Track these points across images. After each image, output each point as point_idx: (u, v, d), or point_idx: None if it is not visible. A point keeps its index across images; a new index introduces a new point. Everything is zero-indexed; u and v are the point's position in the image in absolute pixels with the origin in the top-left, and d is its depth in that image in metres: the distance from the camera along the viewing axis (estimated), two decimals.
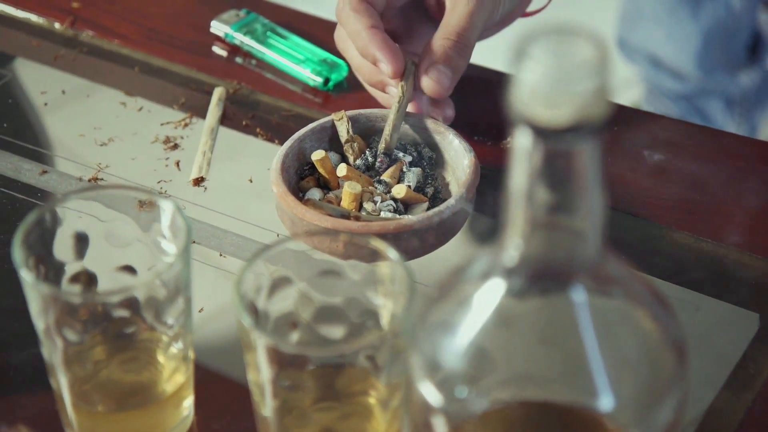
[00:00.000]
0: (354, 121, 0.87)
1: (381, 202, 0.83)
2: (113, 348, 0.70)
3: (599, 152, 0.52)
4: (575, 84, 0.50)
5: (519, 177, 0.53)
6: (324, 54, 0.98)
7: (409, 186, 0.84)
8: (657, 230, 0.85)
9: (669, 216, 0.86)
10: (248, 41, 1.00)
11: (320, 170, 0.85)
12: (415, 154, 0.87)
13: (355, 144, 0.86)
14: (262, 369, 0.65)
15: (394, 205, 0.83)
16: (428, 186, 0.85)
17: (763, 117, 1.74)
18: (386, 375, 0.66)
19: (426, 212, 0.80)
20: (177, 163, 0.91)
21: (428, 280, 0.74)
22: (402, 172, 0.85)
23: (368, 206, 0.82)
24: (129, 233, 0.71)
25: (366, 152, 0.86)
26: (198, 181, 0.89)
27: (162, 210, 0.70)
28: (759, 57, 1.70)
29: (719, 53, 1.65)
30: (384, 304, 0.68)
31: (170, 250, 0.70)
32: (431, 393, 0.58)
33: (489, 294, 0.56)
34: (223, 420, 0.75)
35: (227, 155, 0.92)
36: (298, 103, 0.96)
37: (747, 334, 0.80)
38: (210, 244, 0.85)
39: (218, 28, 1.02)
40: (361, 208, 0.83)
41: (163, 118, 0.95)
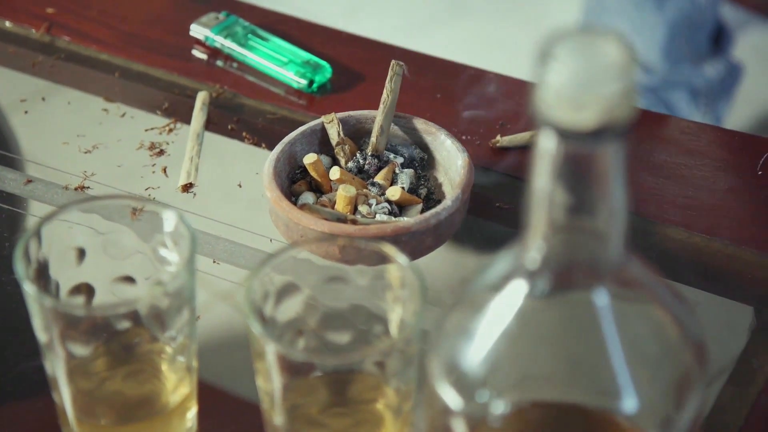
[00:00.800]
0: (343, 123, 0.87)
1: (376, 205, 0.82)
2: (117, 360, 0.69)
3: (623, 155, 0.52)
4: (602, 86, 0.50)
5: (542, 179, 0.53)
6: (306, 55, 0.98)
7: (403, 188, 0.83)
8: (650, 226, 0.85)
9: (661, 211, 0.86)
10: (229, 44, 0.99)
11: (312, 174, 0.84)
12: (406, 155, 0.86)
13: (346, 146, 0.86)
14: (273, 377, 0.64)
15: (389, 208, 0.82)
16: (421, 187, 0.85)
17: (727, 107, 1.75)
18: (396, 381, 0.65)
19: (423, 214, 0.80)
20: (164, 170, 0.90)
21: (428, 283, 0.74)
22: (395, 174, 0.85)
23: (363, 209, 0.82)
24: (128, 244, 0.70)
25: (357, 154, 0.86)
26: (187, 187, 0.88)
27: (164, 219, 0.69)
28: (722, 48, 1.71)
29: (684, 45, 1.66)
30: (392, 310, 0.68)
31: (172, 260, 0.69)
32: (451, 396, 0.57)
33: (510, 296, 0.56)
34: (227, 430, 0.74)
35: (214, 160, 0.91)
36: (283, 106, 0.95)
37: (743, 328, 0.80)
38: (202, 251, 0.84)
39: (198, 32, 1.01)
40: (356, 211, 0.82)
41: (147, 124, 0.94)
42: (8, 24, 1.03)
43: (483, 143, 0.91)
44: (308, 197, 0.83)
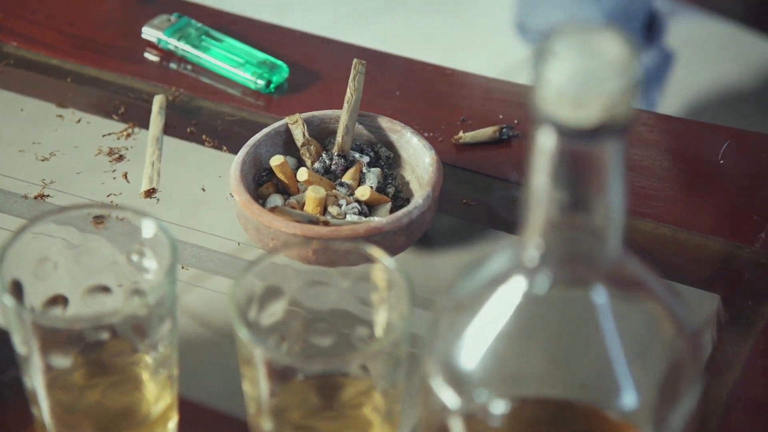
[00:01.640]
0: (307, 124, 0.86)
1: (346, 205, 0.81)
2: (97, 372, 0.68)
3: (622, 152, 0.52)
4: (603, 83, 0.49)
5: (540, 176, 0.53)
6: (262, 56, 0.97)
7: (372, 187, 0.83)
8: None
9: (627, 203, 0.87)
10: (183, 46, 0.98)
11: (279, 176, 0.83)
12: (372, 155, 0.86)
13: (312, 147, 0.85)
14: (261, 382, 0.64)
15: (359, 208, 0.82)
16: (389, 186, 0.84)
17: (660, 94, 1.76)
18: (384, 384, 0.65)
19: (395, 213, 0.79)
20: (125, 175, 0.89)
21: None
22: (362, 173, 0.84)
23: (333, 210, 0.81)
24: (102, 253, 0.69)
25: (323, 155, 0.85)
26: (149, 193, 0.87)
27: (142, 227, 0.67)
28: (655, 36, 1.72)
29: None
30: (378, 312, 0.67)
31: (149, 269, 0.68)
32: (449, 396, 0.57)
33: (509, 294, 0.56)
34: None
35: (175, 164, 0.90)
36: (241, 108, 0.95)
37: (711, 318, 0.81)
38: None
39: (150, 34, 0.99)
40: (326, 212, 0.81)
41: (104, 129, 0.92)
42: None
43: (445, 140, 0.91)
44: (276, 199, 0.83)
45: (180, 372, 0.71)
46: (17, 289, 0.67)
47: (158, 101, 0.94)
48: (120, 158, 0.90)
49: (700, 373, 0.58)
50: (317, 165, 0.85)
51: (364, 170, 0.84)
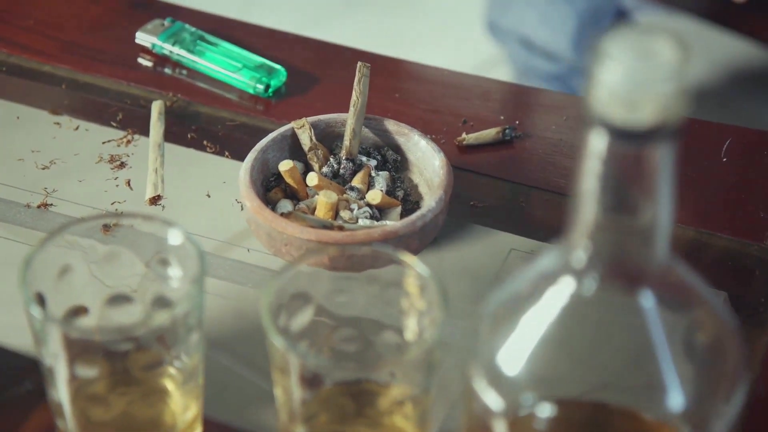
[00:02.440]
0: (313, 128, 0.85)
1: (358, 210, 0.81)
2: (124, 383, 0.67)
3: (673, 154, 0.52)
4: (657, 85, 0.49)
5: (590, 178, 0.53)
6: (259, 59, 0.96)
7: (382, 191, 0.82)
8: None
9: None
10: (178, 51, 0.97)
11: (289, 181, 0.83)
12: (379, 158, 0.85)
13: (319, 151, 0.85)
14: (294, 390, 0.63)
15: (371, 212, 0.81)
16: (398, 189, 0.84)
17: None
18: (416, 391, 0.64)
19: (409, 217, 0.79)
20: (128, 182, 0.88)
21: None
22: (371, 177, 0.84)
23: (345, 214, 0.81)
24: (125, 263, 0.68)
25: (331, 159, 0.85)
26: (154, 200, 0.86)
27: (168, 237, 0.67)
28: None
29: (592, 34, 1.67)
30: (408, 318, 0.67)
31: (174, 279, 0.68)
32: (494, 399, 0.57)
33: (555, 296, 0.55)
34: None
35: (178, 171, 0.89)
36: (240, 112, 0.94)
37: None
38: None
39: (144, 39, 0.98)
40: (337, 217, 0.81)
41: (104, 137, 0.91)
42: None
43: (448, 141, 0.91)
44: (286, 205, 0.82)
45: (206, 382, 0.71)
46: (40, 301, 0.66)
47: (157, 107, 0.93)
48: (122, 165, 0.89)
49: (746, 377, 0.58)
50: (325, 169, 0.84)
51: (373, 174, 0.84)
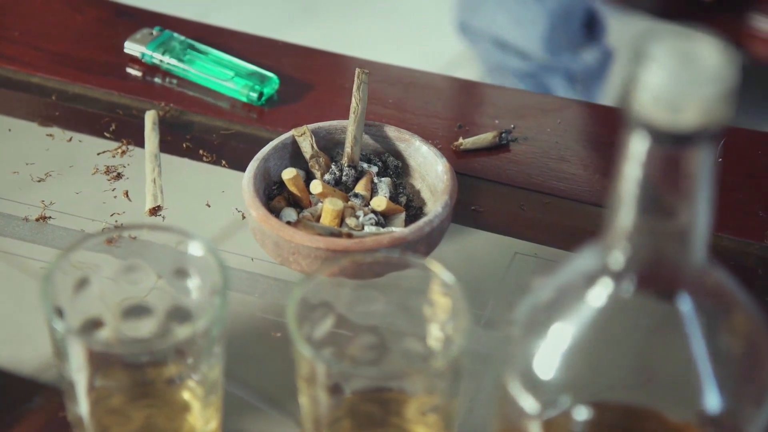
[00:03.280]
0: (313, 135, 0.85)
1: (363, 216, 0.81)
2: (144, 396, 0.66)
3: (713, 157, 0.52)
4: (701, 88, 0.50)
5: (630, 180, 0.53)
6: (251, 68, 0.96)
7: (386, 197, 0.82)
8: None
9: None
10: (168, 60, 0.96)
11: (292, 189, 0.82)
12: (380, 164, 0.85)
13: (321, 159, 0.84)
14: (321, 398, 0.63)
15: (376, 218, 0.81)
16: (400, 195, 0.84)
17: (600, 91, 1.78)
18: (441, 400, 0.64)
19: (416, 223, 0.79)
20: (126, 193, 0.87)
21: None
22: (373, 184, 0.84)
23: (350, 222, 0.81)
24: (143, 276, 0.68)
25: (332, 166, 0.84)
26: (154, 211, 0.85)
27: (187, 249, 0.66)
28: (596, 35, 1.74)
29: (563, 34, 1.68)
30: (432, 326, 0.67)
31: (194, 292, 0.67)
32: (529, 402, 0.57)
33: (592, 298, 0.56)
34: None
35: (175, 181, 0.88)
36: (234, 121, 0.93)
37: None
38: None
39: (133, 49, 0.97)
40: (342, 224, 0.81)
41: (97, 148, 0.91)
42: None
43: (445, 146, 0.91)
44: (290, 213, 0.82)
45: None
46: (58, 315, 0.65)
47: (150, 117, 0.92)
48: (118, 176, 0.88)
49: None
50: (327, 177, 0.84)
51: (375, 180, 0.84)
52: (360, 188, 0.83)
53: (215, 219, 0.86)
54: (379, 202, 0.81)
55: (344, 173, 0.84)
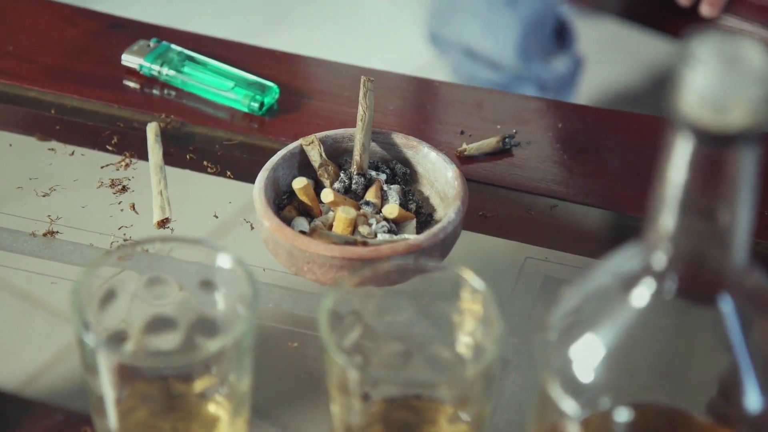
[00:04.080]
0: (321, 144, 0.85)
1: (376, 224, 0.81)
2: (173, 409, 0.66)
3: (757, 158, 0.53)
4: (747, 89, 0.50)
5: (674, 180, 0.53)
6: (251, 77, 0.95)
7: (397, 204, 0.82)
8: (632, 221, 0.87)
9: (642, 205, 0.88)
10: (167, 71, 0.96)
11: (303, 198, 0.82)
12: (388, 171, 0.85)
13: (330, 167, 0.84)
14: (355, 406, 0.63)
15: (389, 226, 0.81)
16: (410, 202, 0.84)
17: (571, 99, 1.79)
18: (474, 408, 0.64)
19: (431, 230, 0.79)
20: (132, 206, 0.86)
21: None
22: (383, 191, 0.84)
23: (363, 230, 0.80)
24: (170, 290, 0.68)
25: (341, 174, 0.84)
26: (163, 223, 0.85)
27: (214, 261, 0.66)
28: (566, 43, 1.75)
29: (535, 42, 1.69)
30: (462, 334, 0.67)
31: (221, 304, 0.67)
32: (569, 404, 0.57)
33: (633, 298, 0.56)
34: None
35: (181, 193, 0.88)
36: (235, 131, 0.93)
37: None
38: None
39: (130, 61, 0.97)
40: (355, 232, 0.81)
41: (101, 161, 0.90)
42: None
43: (449, 152, 0.91)
44: (302, 222, 0.81)
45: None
46: (88, 329, 0.65)
47: (152, 129, 0.92)
48: (123, 189, 0.88)
49: None
50: (337, 185, 0.84)
51: (384, 188, 0.84)
52: (370, 196, 0.83)
53: (224, 230, 0.85)
54: (391, 210, 0.81)
55: (353, 181, 0.84)
